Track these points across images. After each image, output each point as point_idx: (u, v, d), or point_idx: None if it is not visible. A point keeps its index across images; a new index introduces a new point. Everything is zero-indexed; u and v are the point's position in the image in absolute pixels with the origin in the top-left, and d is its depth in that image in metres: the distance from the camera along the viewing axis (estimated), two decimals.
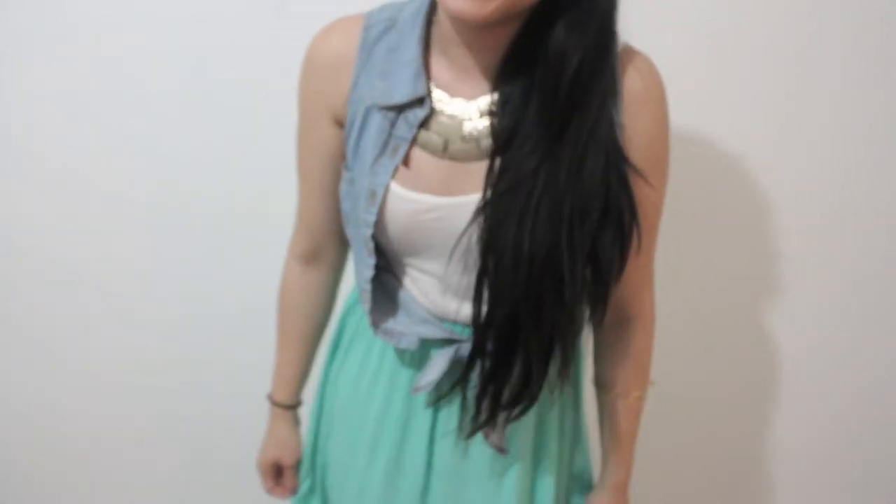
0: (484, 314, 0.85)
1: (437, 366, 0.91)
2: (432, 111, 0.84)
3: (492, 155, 0.82)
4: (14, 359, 1.53)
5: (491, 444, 0.93)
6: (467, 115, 0.84)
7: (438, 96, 0.85)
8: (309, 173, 0.95)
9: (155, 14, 1.33)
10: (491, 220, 0.81)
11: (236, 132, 1.40)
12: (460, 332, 0.92)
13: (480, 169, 0.83)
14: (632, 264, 0.85)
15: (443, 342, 0.93)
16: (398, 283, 0.95)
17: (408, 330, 0.92)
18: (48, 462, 1.60)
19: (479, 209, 0.82)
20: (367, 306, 0.93)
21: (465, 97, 0.84)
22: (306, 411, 1.16)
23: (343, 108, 0.88)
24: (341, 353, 1.06)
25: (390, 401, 0.97)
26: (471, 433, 0.92)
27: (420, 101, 0.84)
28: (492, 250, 0.81)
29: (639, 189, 0.83)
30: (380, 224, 0.88)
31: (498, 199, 0.81)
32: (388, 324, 0.94)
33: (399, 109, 0.84)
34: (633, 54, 0.86)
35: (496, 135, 0.82)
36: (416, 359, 0.95)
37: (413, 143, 0.85)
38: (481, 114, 0.83)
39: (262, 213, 1.44)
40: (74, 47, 1.35)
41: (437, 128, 0.84)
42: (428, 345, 0.93)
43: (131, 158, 1.41)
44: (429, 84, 0.84)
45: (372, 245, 0.89)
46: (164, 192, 1.43)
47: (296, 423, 1.13)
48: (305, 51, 0.91)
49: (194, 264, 1.48)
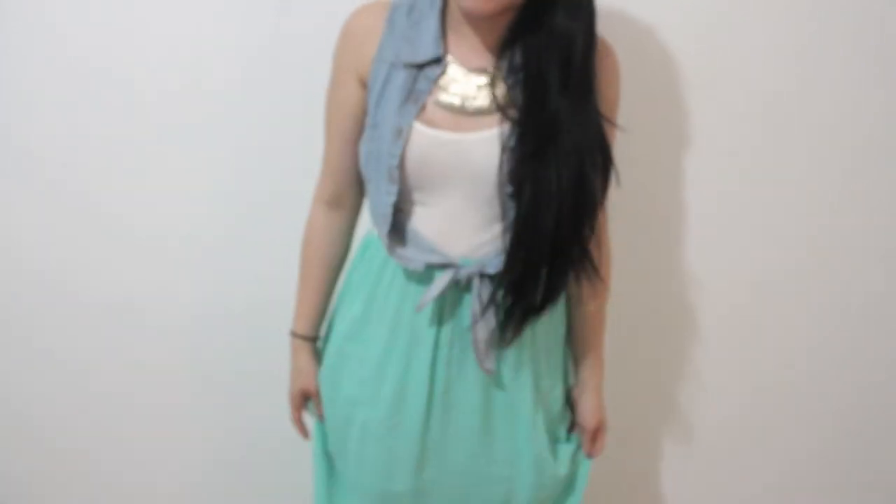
0: (520, 228, 1.04)
1: (438, 284, 1.08)
2: (447, 72, 1.05)
3: (504, 108, 1.03)
4: (14, 359, 1.53)
5: (484, 367, 1.10)
6: (478, 81, 1.05)
7: (453, 60, 1.06)
8: (335, 126, 1.15)
9: (155, 14, 1.33)
10: (518, 152, 1.02)
11: (237, 132, 1.40)
12: (461, 261, 1.09)
13: (492, 121, 1.04)
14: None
15: (444, 267, 1.09)
16: (407, 220, 1.12)
17: (415, 257, 1.10)
18: (48, 462, 1.60)
19: (506, 141, 1.03)
20: (385, 229, 1.10)
21: (475, 66, 1.06)
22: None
23: (367, 68, 1.08)
24: (348, 298, 1.21)
25: (395, 333, 1.12)
26: (509, 340, 1.09)
27: (437, 60, 1.05)
28: (527, 179, 1.02)
29: (608, 130, 1.09)
30: (402, 158, 1.06)
31: (522, 135, 1.02)
32: (399, 250, 1.11)
33: (420, 67, 1.05)
34: (599, 36, 1.10)
35: (509, 93, 1.03)
36: (423, 281, 1.11)
37: (431, 96, 1.05)
38: (490, 79, 1.05)
39: (262, 212, 1.44)
40: (75, 47, 1.35)
41: (455, 88, 1.05)
42: (432, 270, 1.10)
43: (131, 158, 1.41)
44: (446, 48, 1.06)
45: (397, 174, 1.06)
46: (164, 191, 1.43)
47: (316, 355, 1.26)
48: (342, 26, 1.11)
49: (194, 264, 1.48)
